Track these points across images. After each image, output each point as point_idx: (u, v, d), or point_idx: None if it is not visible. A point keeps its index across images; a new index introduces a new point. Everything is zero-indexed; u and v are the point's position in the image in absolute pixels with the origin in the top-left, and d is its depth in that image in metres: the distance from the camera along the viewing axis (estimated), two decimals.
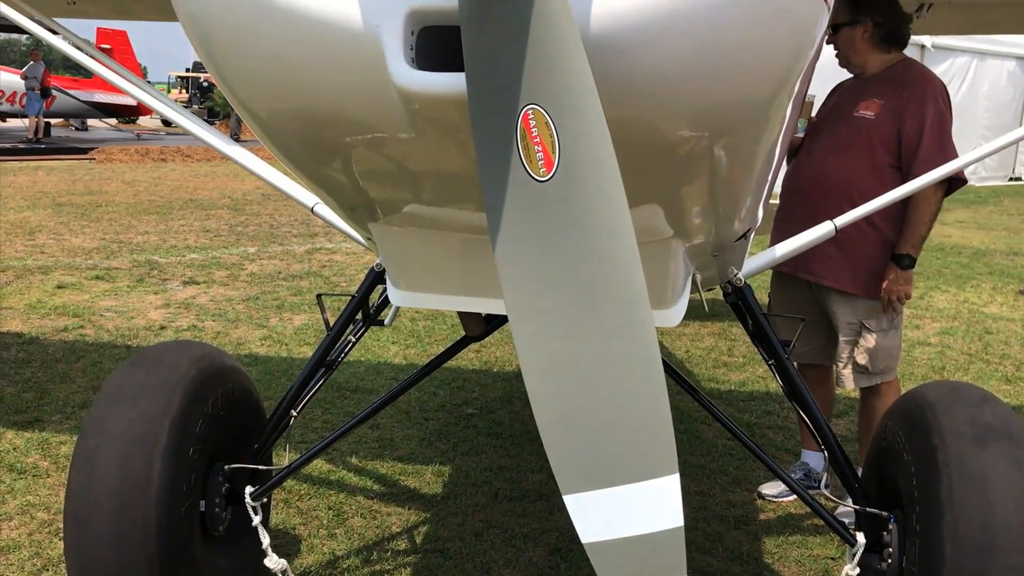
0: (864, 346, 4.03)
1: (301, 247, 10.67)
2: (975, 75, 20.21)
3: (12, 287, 8.10)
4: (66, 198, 14.14)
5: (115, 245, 10.37)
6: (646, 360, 1.52)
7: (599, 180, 1.39)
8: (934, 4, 4.05)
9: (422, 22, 1.57)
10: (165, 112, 3.59)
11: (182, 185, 16.52)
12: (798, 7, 1.63)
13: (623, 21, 1.50)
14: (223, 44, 1.75)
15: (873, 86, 3.98)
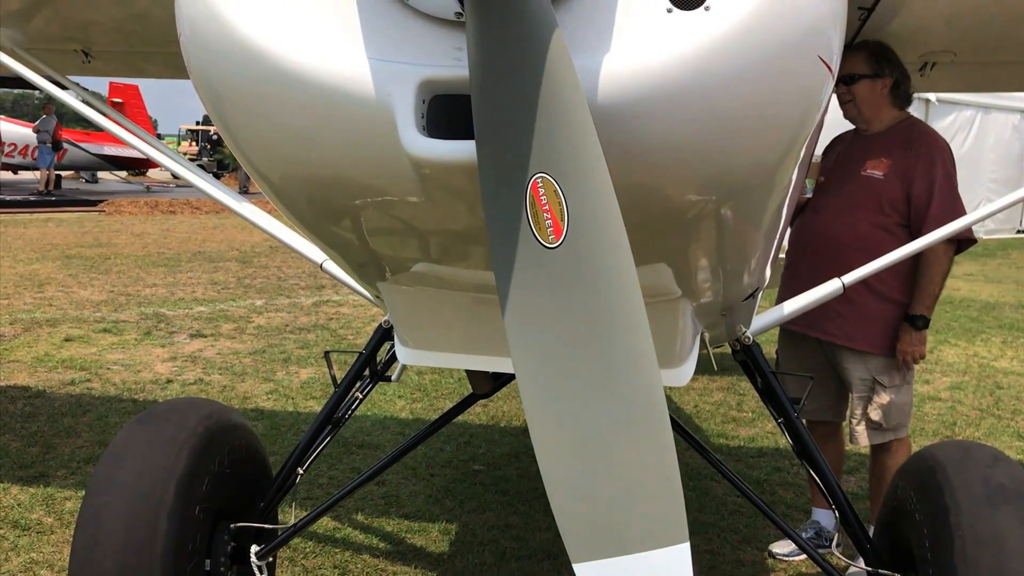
0: (878, 402, 4.02)
1: (308, 299, 10.69)
2: (980, 128, 20.34)
3: (20, 340, 8.12)
4: (75, 250, 14.24)
5: (123, 298, 10.41)
6: (655, 424, 1.51)
7: (607, 247, 1.40)
8: (937, 63, 4.09)
9: (433, 91, 1.59)
10: (173, 168, 3.64)
11: (191, 237, 16.63)
12: (803, 75, 1.65)
13: (630, 91, 1.53)
14: (235, 110, 1.77)
15: (879, 144, 4.00)
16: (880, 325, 4.00)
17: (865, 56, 3.82)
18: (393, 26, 1.60)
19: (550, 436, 1.53)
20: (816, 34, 1.63)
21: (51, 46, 4.33)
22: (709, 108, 1.56)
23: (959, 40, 3.76)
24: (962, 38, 3.73)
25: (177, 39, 1.83)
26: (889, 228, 3.88)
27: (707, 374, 7.51)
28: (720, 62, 1.53)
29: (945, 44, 3.85)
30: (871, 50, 3.80)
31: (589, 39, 1.55)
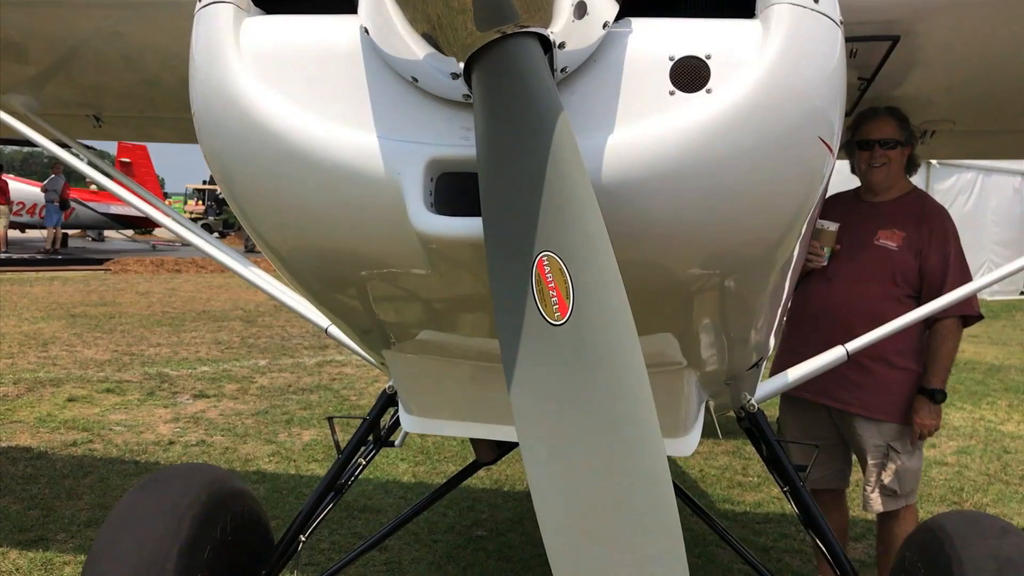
0: (892, 468, 4.02)
1: (312, 359, 10.68)
2: (982, 190, 20.45)
3: (23, 400, 8.10)
4: (80, 309, 14.28)
5: (127, 357, 10.41)
6: (658, 495, 1.51)
7: (612, 325, 1.41)
8: (937, 131, 4.15)
9: (441, 169, 1.63)
10: (178, 231, 3.68)
11: (195, 296, 16.68)
12: (804, 155, 1.68)
13: (633, 170, 1.56)
14: (246, 185, 1.80)
15: (891, 213, 4.03)
16: (896, 394, 4.01)
17: (896, 122, 3.85)
18: (403, 106, 1.64)
19: (553, 507, 1.53)
20: (816, 116, 1.66)
21: (63, 111, 4.41)
22: (711, 187, 1.60)
23: (958, 109, 3.82)
24: (961, 107, 3.79)
25: (187, 106, 1.87)
26: (900, 299, 3.90)
27: (712, 437, 7.47)
28: (722, 143, 1.56)
29: (944, 113, 3.91)
30: (899, 117, 3.83)
31: (594, 119, 1.59)
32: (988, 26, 2.74)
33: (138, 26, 3.14)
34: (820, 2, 1.63)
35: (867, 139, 3.92)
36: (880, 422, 4.03)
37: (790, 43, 1.59)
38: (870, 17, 2.66)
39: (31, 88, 3.97)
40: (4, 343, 10.92)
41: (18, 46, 3.47)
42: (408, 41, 1.50)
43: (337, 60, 1.69)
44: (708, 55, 1.60)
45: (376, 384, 9.21)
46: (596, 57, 1.61)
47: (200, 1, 1.78)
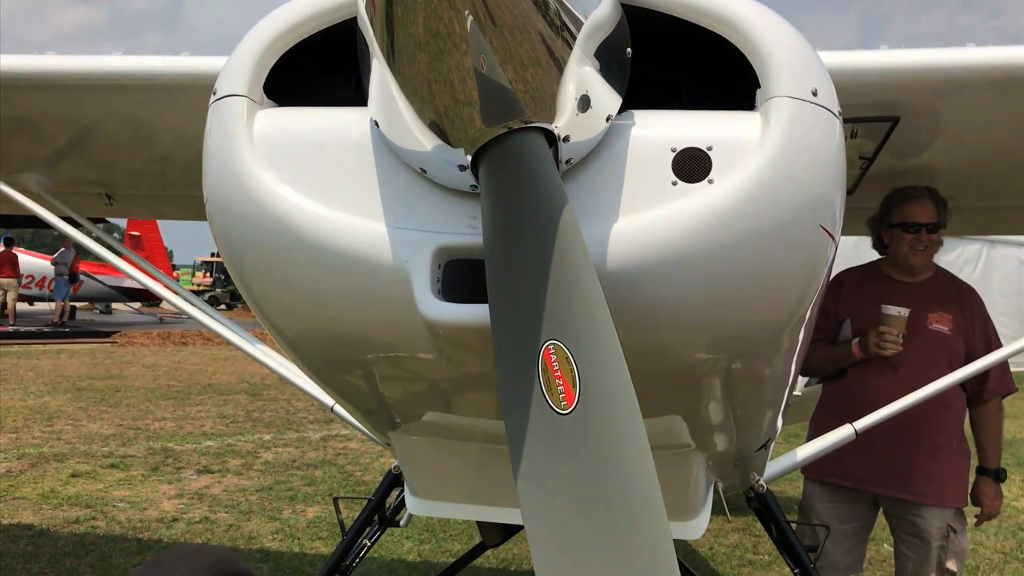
0: (953, 549, 4.01)
1: (316, 434, 10.62)
2: (987, 262, 20.46)
3: (27, 475, 8.05)
4: (86, 382, 14.27)
5: (132, 432, 10.37)
6: None
7: (618, 414, 1.42)
8: None
9: (448, 256, 1.65)
10: (185, 308, 3.70)
11: (201, 369, 16.66)
12: (806, 244, 1.70)
13: (637, 258, 1.58)
14: (255, 271, 1.83)
15: (931, 295, 4.01)
16: (963, 478, 4.05)
17: (935, 204, 3.84)
18: (411, 195, 1.67)
19: None
20: (818, 205, 1.69)
21: (76, 189, 4.48)
22: (714, 275, 1.62)
23: (960, 186, 3.86)
24: (963, 184, 3.82)
25: (197, 183, 1.90)
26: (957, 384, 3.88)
27: (722, 514, 7.36)
28: (724, 232, 1.59)
29: (946, 190, 3.94)
30: (936, 198, 3.83)
31: (598, 209, 1.62)
32: (987, 105, 2.78)
33: (152, 107, 3.21)
34: (818, 95, 1.67)
35: (913, 222, 3.87)
36: (945, 507, 3.99)
37: (789, 135, 1.62)
38: (870, 99, 2.70)
39: (45, 167, 4.04)
40: (9, 417, 10.89)
41: (34, 126, 3.54)
42: (416, 133, 1.54)
43: (348, 151, 1.72)
44: (709, 146, 1.63)
45: (381, 459, 9.14)
46: (600, 148, 1.65)
47: (215, 93, 1.83)
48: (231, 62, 1.83)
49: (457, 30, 1.31)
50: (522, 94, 1.42)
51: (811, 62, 1.72)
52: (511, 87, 1.40)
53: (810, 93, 1.65)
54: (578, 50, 1.45)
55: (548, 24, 1.38)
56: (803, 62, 1.69)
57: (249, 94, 1.78)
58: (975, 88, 2.69)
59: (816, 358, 3.97)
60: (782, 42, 1.67)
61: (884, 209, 3.92)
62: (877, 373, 3.90)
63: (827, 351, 4.00)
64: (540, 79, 1.42)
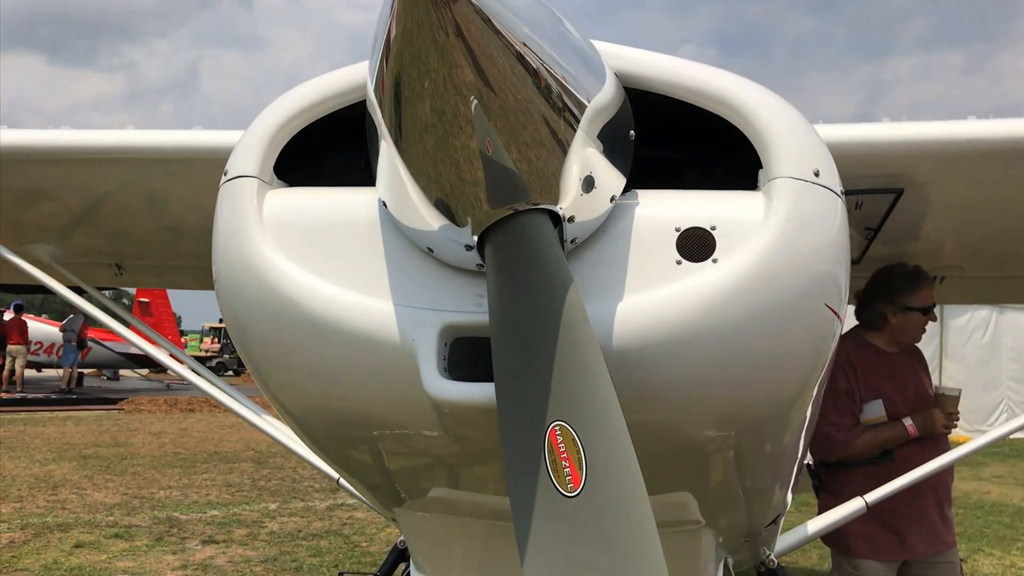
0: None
1: (323, 503, 10.51)
2: (996, 328, 20.36)
3: (30, 546, 7.97)
4: (92, 450, 14.19)
5: (137, 500, 10.28)
6: None
7: (625, 494, 1.41)
8: (946, 277, 4.19)
9: (455, 334, 1.66)
10: (191, 378, 3.71)
11: (208, 437, 16.57)
12: (811, 322, 1.71)
13: (643, 337, 1.59)
14: (262, 350, 1.84)
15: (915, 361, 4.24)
16: None
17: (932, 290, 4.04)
18: (418, 274, 1.68)
19: None
20: (822, 284, 1.70)
21: (86, 260, 4.51)
22: (719, 354, 1.62)
23: (967, 255, 3.88)
24: (969, 254, 3.84)
25: (206, 253, 1.92)
26: None
27: None
28: (729, 311, 1.60)
29: (953, 259, 3.96)
30: None
31: (603, 287, 1.63)
32: (990, 175, 2.81)
33: (164, 178, 3.26)
34: (820, 175, 1.69)
35: (926, 307, 4.03)
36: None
37: (792, 215, 1.64)
38: (873, 171, 2.73)
39: (57, 238, 4.08)
40: (14, 486, 10.82)
41: (47, 198, 3.59)
42: (423, 213, 1.55)
43: (356, 231, 1.75)
44: (713, 226, 1.65)
45: (388, 530, 9.03)
46: (605, 228, 1.66)
47: (226, 174, 1.86)
48: (242, 144, 1.86)
49: (462, 112, 1.33)
50: (527, 175, 1.44)
51: (812, 143, 1.74)
52: (516, 169, 1.42)
53: (812, 174, 1.67)
54: (582, 132, 1.48)
55: (551, 107, 1.40)
56: (804, 143, 1.71)
57: (259, 175, 1.81)
58: (978, 159, 2.71)
59: (862, 443, 3.96)
60: (783, 123, 1.70)
61: (892, 289, 3.97)
62: (918, 447, 3.97)
63: (875, 435, 4.00)
64: (545, 160, 1.44)
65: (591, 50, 1.55)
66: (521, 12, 1.33)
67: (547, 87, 1.38)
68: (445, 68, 1.29)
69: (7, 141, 3.11)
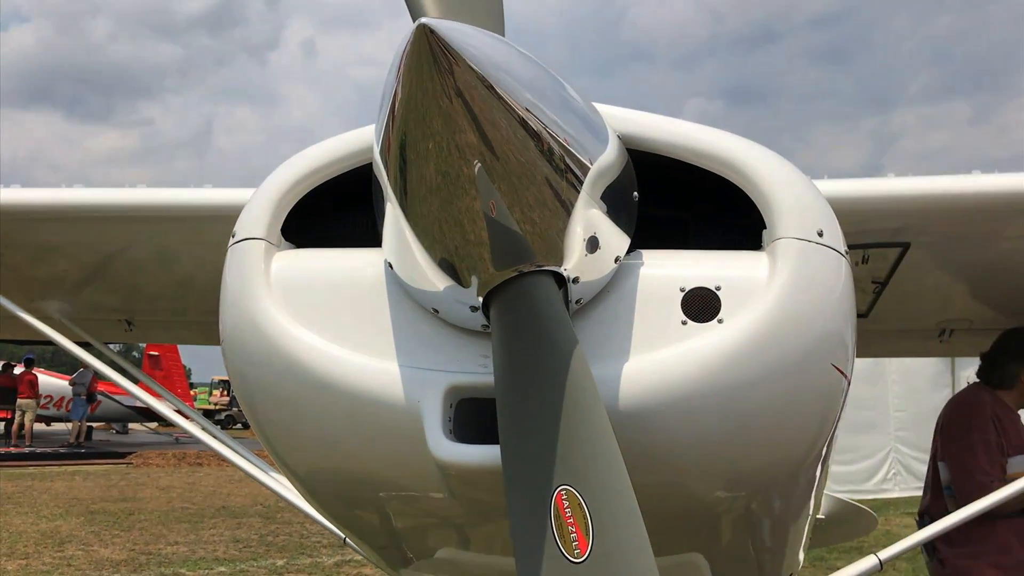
0: None
1: (330, 559, 10.39)
2: None
3: None
4: (100, 505, 14.12)
5: (144, 557, 10.19)
6: None
7: (632, 561, 1.39)
8: (955, 330, 4.18)
9: (460, 395, 1.66)
10: (199, 435, 3.70)
11: (216, 491, 16.47)
12: (818, 382, 1.71)
13: (648, 398, 1.59)
14: (268, 411, 1.84)
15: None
16: None
17: None
18: (424, 335, 1.69)
19: None
20: (828, 344, 1.70)
21: (96, 316, 4.53)
22: (726, 415, 1.62)
23: (975, 308, 3.86)
24: (978, 306, 3.83)
25: (216, 308, 1.93)
26: None
27: None
28: (735, 372, 1.60)
29: (961, 312, 3.95)
30: None
31: (609, 348, 1.63)
32: (996, 228, 2.82)
33: (175, 236, 3.28)
34: (824, 235, 1.70)
35: None
36: None
37: (797, 276, 1.65)
38: (879, 225, 2.74)
39: (67, 294, 4.11)
40: (20, 543, 10.75)
41: (59, 255, 3.63)
42: (429, 274, 1.56)
43: (362, 292, 1.76)
44: (718, 286, 1.65)
45: None
46: (610, 288, 1.67)
47: (234, 236, 1.88)
48: (251, 206, 1.89)
49: (466, 174, 1.35)
50: (531, 237, 1.45)
51: (815, 203, 1.75)
52: (521, 230, 1.43)
53: (815, 234, 1.68)
54: (585, 193, 1.49)
55: (554, 169, 1.42)
56: (807, 204, 1.73)
57: (267, 237, 1.83)
58: (983, 213, 2.72)
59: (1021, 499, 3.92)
60: (786, 184, 1.71)
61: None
62: None
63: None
64: (549, 221, 1.45)
65: (593, 113, 1.57)
66: (522, 77, 1.35)
67: (549, 150, 1.39)
68: (448, 132, 1.31)
69: (19, 200, 3.15)
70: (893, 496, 14.70)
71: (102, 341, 4.36)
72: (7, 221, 3.19)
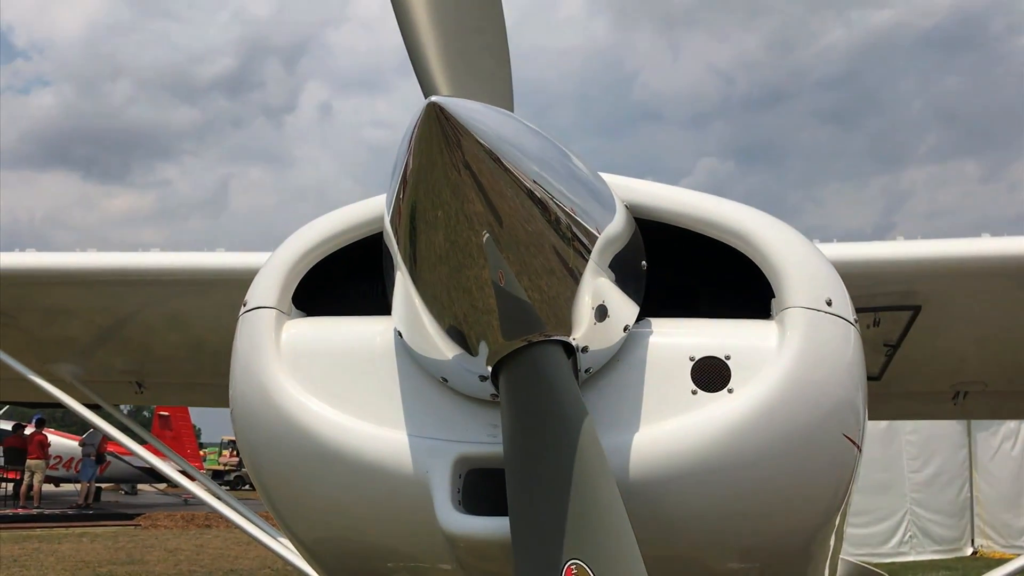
0: None
1: None
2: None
3: None
4: (107, 568, 13.96)
5: None
6: None
7: None
8: (969, 392, 4.14)
9: (468, 466, 1.65)
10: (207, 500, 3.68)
11: (224, 554, 16.28)
12: (829, 452, 1.70)
13: (659, 468, 1.58)
14: (277, 479, 1.83)
15: None
16: None
17: None
18: (432, 404, 1.69)
19: None
20: (839, 413, 1.69)
21: (107, 378, 4.55)
22: (737, 486, 1.61)
23: (989, 370, 3.84)
24: (992, 368, 3.80)
25: (227, 371, 1.93)
26: None
27: None
28: (745, 443, 1.59)
29: (975, 374, 3.92)
30: None
31: (619, 418, 1.63)
32: (1007, 291, 2.81)
33: (187, 298, 3.31)
34: (832, 304, 1.70)
35: None
36: None
37: (806, 345, 1.65)
38: (890, 288, 2.74)
39: (79, 357, 4.12)
40: None
41: (72, 318, 3.65)
42: (438, 343, 1.57)
43: (371, 361, 1.77)
44: (727, 355, 1.65)
45: None
46: (619, 357, 1.67)
47: (245, 304, 1.90)
48: (262, 275, 1.91)
49: (475, 243, 1.37)
50: (540, 305, 1.45)
51: (823, 272, 1.76)
52: (529, 300, 1.44)
53: (824, 303, 1.69)
54: (593, 262, 1.50)
55: (561, 238, 1.43)
56: (815, 273, 1.73)
57: (278, 306, 1.85)
58: (993, 276, 2.72)
59: None
60: (794, 254, 1.72)
61: None
62: None
63: None
64: (557, 290, 1.46)
65: (599, 182, 1.59)
66: (528, 149, 1.38)
67: (556, 219, 1.41)
68: (457, 202, 1.34)
69: (35, 264, 3.19)
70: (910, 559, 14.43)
71: (113, 403, 4.37)
72: (23, 284, 3.23)
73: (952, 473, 15.47)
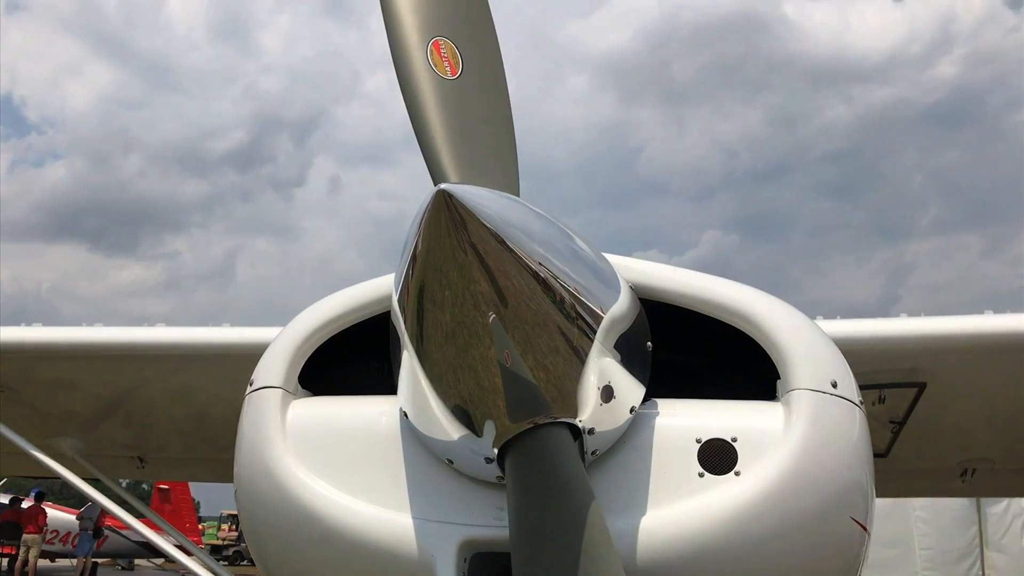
0: None
1: None
2: None
3: None
4: None
5: None
6: None
7: None
8: (977, 470, 4.11)
9: (474, 550, 1.64)
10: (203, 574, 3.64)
11: None
12: (837, 535, 1.69)
13: (666, 552, 1.57)
14: (280, 560, 1.82)
15: None
16: None
17: None
18: (438, 486, 1.69)
19: None
20: (846, 496, 1.68)
21: (109, 453, 4.52)
22: (744, 568, 1.60)
23: (997, 448, 3.81)
24: (1000, 446, 3.77)
25: (228, 446, 1.93)
26: None
27: None
28: (753, 526, 1.58)
29: (983, 452, 3.89)
30: None
31: (626, 500, 1.62)
32: (1012, 367, 2.80)
33: (190, 373, 3.31)
34: (838, 387, 1.71)
35: None
36: None
37: (812, 427, 1.65)
38: (895, 365, 2.73)
39: (81, 431, 4.11)
40: None
41: (75, 391, 3.64)
42: (444, 423, 1.57)
43: (376, 441, 1.77)
44: (734, 437, 1.65)
45: None
46: (625, 439, 1.67)
47: (251, 384, 1.90)
48: (268, 355, 1.92)
49: (480, 323, 1.39)
50: (545, 385, 1.46)
51: (828, 354, 1.77)
52: (535, 380, 1.44)
53: (829, 385, 1.69)
54: (598, 343, 1.51)
55: (566, 318, 1.45)
56: (820, 354, 1.74)
57: (284, 385, 1.86)
58: (997, 353, 2.72)
59: None
60: (799, 336, 1.73)
61: None
62: None
63: None
64: (563, 371, 1.47)
65: (604, 263, 1.61)
66: (533, 232, 1.41)
67: (561, 299, 1.43)
68: (464, 282, 1.36)
69: (40, 339, 3.19)
70: None
71: (114, 478, 4.34)
72: (27, 359, 3.23)
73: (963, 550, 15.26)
